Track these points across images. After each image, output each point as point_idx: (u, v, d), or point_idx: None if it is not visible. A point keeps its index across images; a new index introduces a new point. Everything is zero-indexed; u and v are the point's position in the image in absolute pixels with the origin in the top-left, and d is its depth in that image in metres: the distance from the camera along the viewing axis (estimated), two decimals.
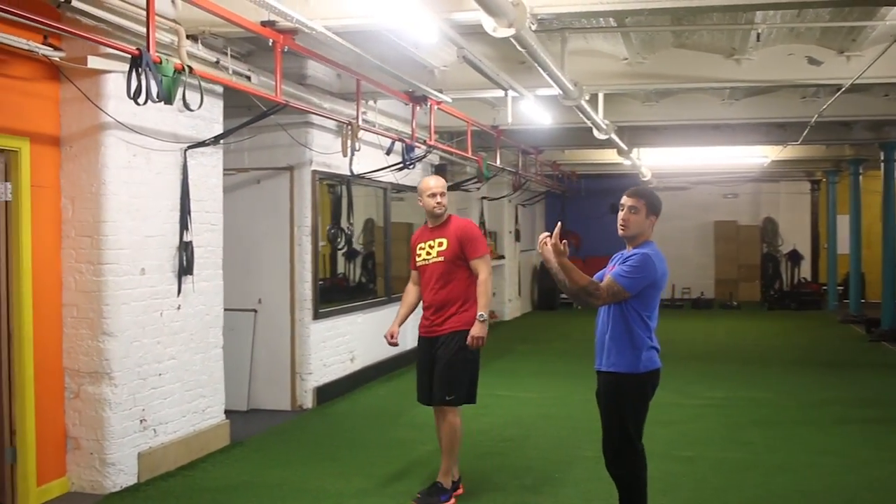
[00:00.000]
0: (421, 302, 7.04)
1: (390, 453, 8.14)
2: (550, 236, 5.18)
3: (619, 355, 5.38)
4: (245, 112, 8.38)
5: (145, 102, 5.79)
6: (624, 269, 5.29)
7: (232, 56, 8.09)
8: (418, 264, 6.99)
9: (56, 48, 6.39)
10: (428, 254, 6.88)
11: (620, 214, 5.49)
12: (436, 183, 6.92)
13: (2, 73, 6.21)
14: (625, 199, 5.48)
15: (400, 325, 7.07)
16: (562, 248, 5.13)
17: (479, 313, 6.69)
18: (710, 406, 10.42)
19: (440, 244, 6.82)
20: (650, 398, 5.49)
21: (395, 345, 7.09)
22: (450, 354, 6.70)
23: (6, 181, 6.45)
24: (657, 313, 5.49)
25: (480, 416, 9.62)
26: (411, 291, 7.18)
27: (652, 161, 19.67)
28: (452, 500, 6.79)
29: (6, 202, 6.47)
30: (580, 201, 24.29)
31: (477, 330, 6.68)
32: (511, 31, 6.21)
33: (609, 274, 5.35)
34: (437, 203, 6.84)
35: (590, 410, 9.72)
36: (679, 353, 14.56)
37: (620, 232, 5.48)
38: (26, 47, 6.03)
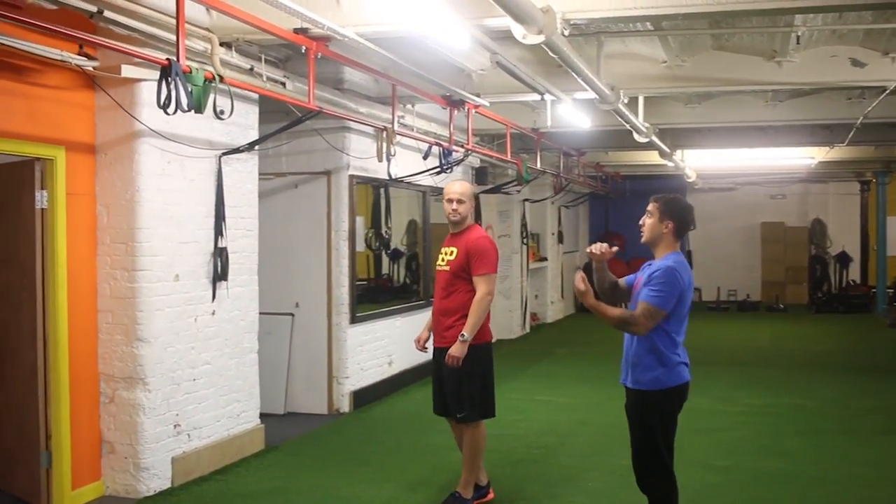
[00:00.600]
0: None
1: (424, 459, 8.13)
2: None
3: (644, 372, 5.29)
4: (282, 116, 8.42)
5: (175, 112, 5.83)
6: (652, 288, 5.16)
7: (268, 61, 8.13)
8: (436, 269, 6.93)
9: (91, 58, 6.46)
10: (442, 260, 6.79)
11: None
12: (454, 188, 6.75)
13: (38, 83, 6.31)
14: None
15: (429, 331, 7.01)
16: (584, 288, 5.15)
17: (461, 332, 6.48)
18: (750, 413, 10.28)
19: (451, 253, 6.71)
20: (678, 412, 5.39)
21: (424, 350, 7.04)
22: (455, 370, 6.56)
23: (42, 189, 6.53)
24: (685, 325, 5.36)
25: (516, 422, 9.60)
26: None
27: (696, 162, 19.48)
28: None
29: (42, 210, 6.55)
30: (624, 202, 24.08)
31: (454, 349, 6.47)
32: (541, 38, 6.16)
33: (640, 300, 5.21)
34: (452, 210, 6.71)
35: (626, 418, 9.74)
36: (722, 357, 14.43)
37: (641, 238, 5.47)
38: (59, 58, 6.10)
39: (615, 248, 5.44)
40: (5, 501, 6.87)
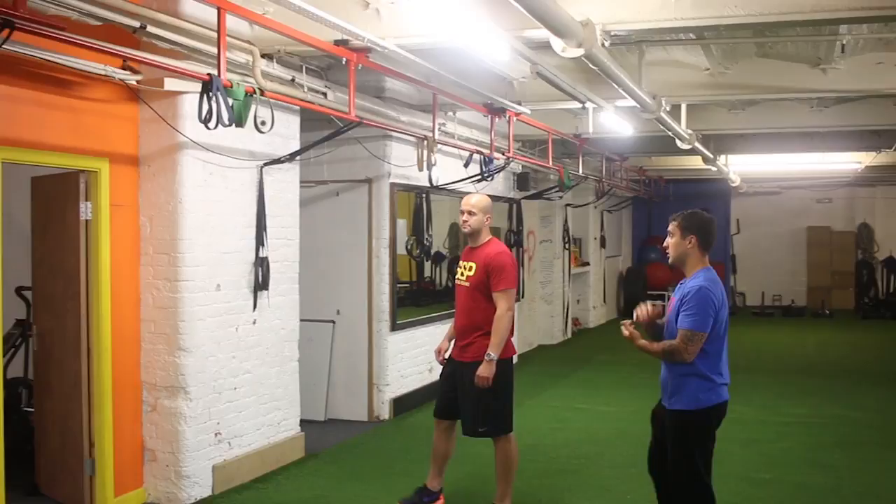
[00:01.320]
0: None
1: (463, 469, 8.12)
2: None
3: (681, 392, 5.30)
4: (324, 125, 8.49)
5: (216, 127, 5.88)
6: (687, 312, 5.17)
7: (309, 71, 8.17)
8: (455, 283, 6.91)
9: (134, 71, 6.54)
10: (461, 275, 6.77)
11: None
12: (468, 200, 6.79)
13: (83, 97, 6.41)
14: None
15: (450, 342, 7.00)
16: (629, 334, 5.43)
17: (487, 352, 6.43)
18: (793, 424, 10.17)
19: (470, 268, 6.67)
20: (715, 430, 5.37)
21: (443, 362, 6.93)
22: (476, 387, 6.50)
23: (87, 201, 6.63)
24: (726, 342, 5.33)
25: (556, 431, 9.59)
26: None
27: (741, 167, 19.30)
28: None
29: (87, 221, 6.66)
30: (668, 206, 23.79)
31: (482, 369, 6.42)
32: (580, 52, 6.15)
33: (679, 327, 5.22)
34: (463, 221, 6.74)
35: None
36: (765, 365, 14.30)
37: (668, 260, 5.53)
38: (103, 72, 6.18)
39: (658, 309, 5.51)
40: None
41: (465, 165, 10.72)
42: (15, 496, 6.62)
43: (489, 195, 12.50)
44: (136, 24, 5.95)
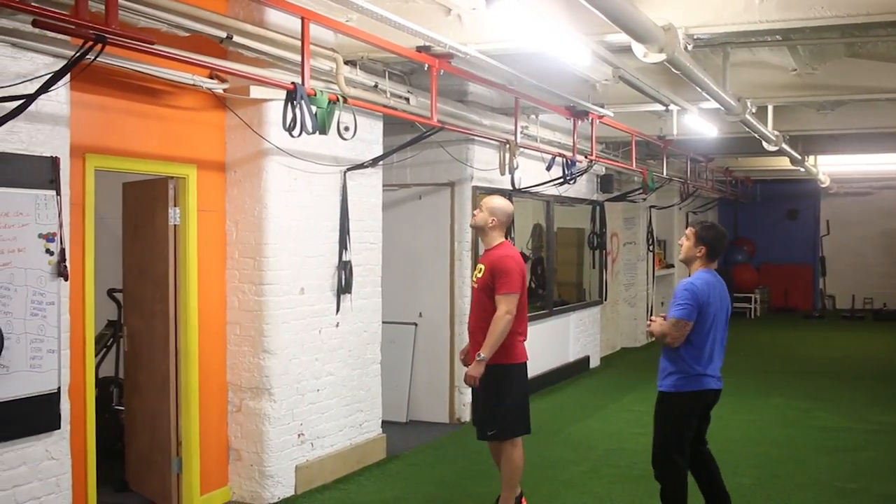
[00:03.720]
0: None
1: (543, 473, 8.14)
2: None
3: (666, 376, 6.10)
4: (407, 128, 8.57)
5: (300, 135, 5.99)
6: (677, 303, 5.97)
7: (392, 76, 8.26)
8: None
9: (221, 80, 6.69)
10: (474, 277, 6.82)
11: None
12: (485, 197, 6.94)
13: (171, 105, 6.58)
14: None
15: None
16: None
17: (478, 352, 6.37)
18: (881, 432, 9.93)
19: (479, 270, 6.65)
20: (694, 416, 6.17)
21: (466, 364, 6.80)
22: (483, 390, 6.52)
23: (175, 206, 6.81)
24: (716, 339, 6.06)
25: (638, 436, 9.51)
26: None
27: (831, 167, 18.91)
28: None
29: (175, 226, 6.83)
30: (755, 207, 23.59)
31: (471, 369, 6.42)
32: (662, 57, 6.12)
33: (668, 316, 6.05)
34: (472, 216, 6.90)
35: (751, 433, 9.59)
36: (853, 370, 14.01)
37: (679, 256, 6.51)
38: (191, 81, 6.35)
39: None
40: (138, 503, 7.18)
41: (548, 168, 10.71)
42: (105, 492, 6.82)
43: (571, 198, 12.68)
44: (223, 34, 6.09)
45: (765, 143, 12.10)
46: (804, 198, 23.34)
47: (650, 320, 6.29)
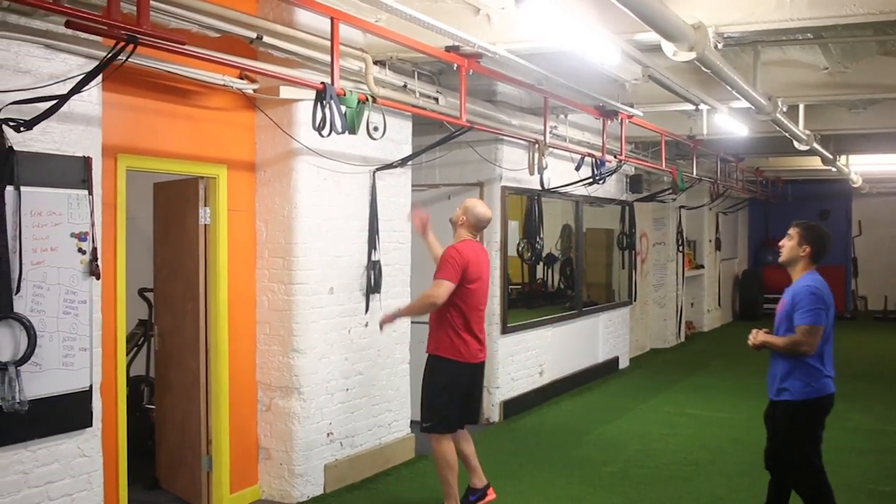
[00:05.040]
0: None
1: (572, 474, 8.11)
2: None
3: (789, 385, 5.83)
4: (436, 128, 8.58)
5: (329, 134, 6.00)
6: (803, 310, 5.71)
7: (421, 76, 8.27)
8: None
9: (251, 80, 6.73)
10: None
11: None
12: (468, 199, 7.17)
13: (202, 106, 6.63)
14: None
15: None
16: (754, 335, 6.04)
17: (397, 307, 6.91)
18: None
19: None
20: (823, 419, 5.90)
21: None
22: (423, 380, 6.87)
23: (206, 206, 6.85)
24: (831, 340, 5.86)
25: (667, 437, 9.49)
26: None
27: (863, 166, 18.72)
28: None
29: (205, 225, 6.87)
30: (786, 207, 23.34)
31: (384, 315, 6.92)
32: (692, 55, 6.09)
33: (796, 324, 5.74)
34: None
35: None
36: (884, 372, 13.88)
37: (780, 258, 6.08)
38: (222, 82, 6.39)
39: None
40: (169, 501, 7.22)
41: (577, 168, 10.68)
42: (136, 490, 6.89)
43: (600, 198, 12.64)
44: (253, 35, 6.12)
45: (796, 143, 11.99)
46: (836, 198, 23.13)
47: (754, 334, 6.05)
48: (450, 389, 6.73)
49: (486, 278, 6.97)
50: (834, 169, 16.62)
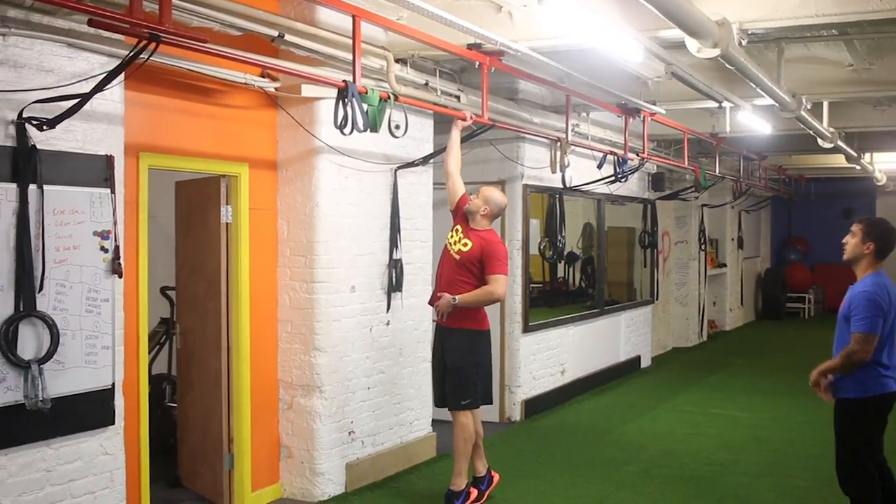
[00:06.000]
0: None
1: (594, 473, 8.08)
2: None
3: (847, 382, 5.64)
4: None
5: (351, 132, 5.99)
6: (858, 317, 5.55)
7: (443, 74, 8.25)
8: (445, 243, 7.13)
9: (273, 79, 6.73)
10: (453, 242, 7.05)
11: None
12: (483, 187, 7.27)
13: (224, 104, 6.63)
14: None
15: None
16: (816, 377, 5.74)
17: (455, 296, 6.78)
18: None
19: (465, 244, 6.96)
20: (882, 418, 5.72)
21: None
22: (458, 357, 6.96)
23: (227, 204, 6.85)
24: (893, 339, 5.71)
25: (689, 437, 9.44)
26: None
27: (887, 164, 18.58)
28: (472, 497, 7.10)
29: (227, 224, 6.87)
30: (809, 205, 23.23)
31: (442, 301, 6.84)
32: (716, 52, 6.04)
33: (851, 331, 5.57)
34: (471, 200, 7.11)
35: (807, 434, 9.44)
36: None
37: (843, 256, 5.91)
38: (243, 80, 6.39)
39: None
40: (191, 499, 7.23)
41: (599, 166, 10.62)
42: (158, 487, 6.89)
43: (623, 196, 12.59)
44: (275, 33, 6.12)
45: (820, 141, 11.92)
46: (860, 196, 22.95)
47: (812, 377, 5.76)
48: (486, 362, 7.13)
49: None
50: (858, 167, 16.52)
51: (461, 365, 6.94)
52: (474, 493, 7.16)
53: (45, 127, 4.88)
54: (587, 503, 7.32)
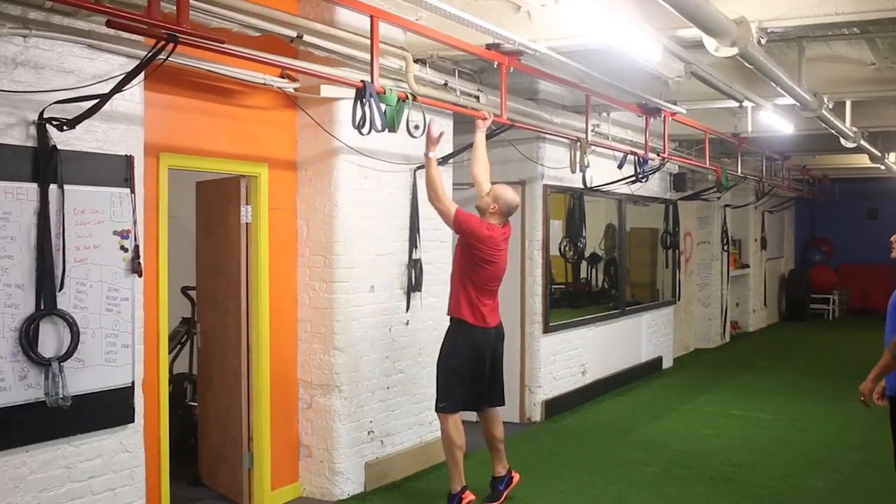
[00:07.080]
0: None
1: (613, 474, 8.06)
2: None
3: (891, 379, 5.68)
4: None
5: (369, 133, 6.00)
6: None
7: (462, 74, 8.26)
8: None
9: (292, 79, 6.76)
10: None
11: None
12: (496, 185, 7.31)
13: (243, 105, 6.67)
14: None
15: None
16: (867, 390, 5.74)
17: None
18: None
19: None
20: None
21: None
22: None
23: (247, 204, 6.89)
24: None
25: (710, 438, 9.41)
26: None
27: None
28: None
29: (247, 224, 6.91)
30: (833, 206, 23.09)
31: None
32: (734, 51, 6.03)
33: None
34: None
35: (827, 436, 9.40)
36: None
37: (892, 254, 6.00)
38: (262, 81, 6.43)
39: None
40: (211, 498, 7.27)
41: (620, 167, 10.59)
42: (179, 486, 6.93)
43: (644, 196, 12.56)
44: (294, 33, 6.15)
45: (843, 140, 11.86)
46: (885, 196, 22.76)
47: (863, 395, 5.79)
48: (452, 358, 7.00)
49: (501, 265, 7.10)
50: (882, 167, 16.40)
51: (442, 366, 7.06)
52: (467, 497, 7.11)
53: (65, 127, 4.93)
54: (606, 503, 7.31)
